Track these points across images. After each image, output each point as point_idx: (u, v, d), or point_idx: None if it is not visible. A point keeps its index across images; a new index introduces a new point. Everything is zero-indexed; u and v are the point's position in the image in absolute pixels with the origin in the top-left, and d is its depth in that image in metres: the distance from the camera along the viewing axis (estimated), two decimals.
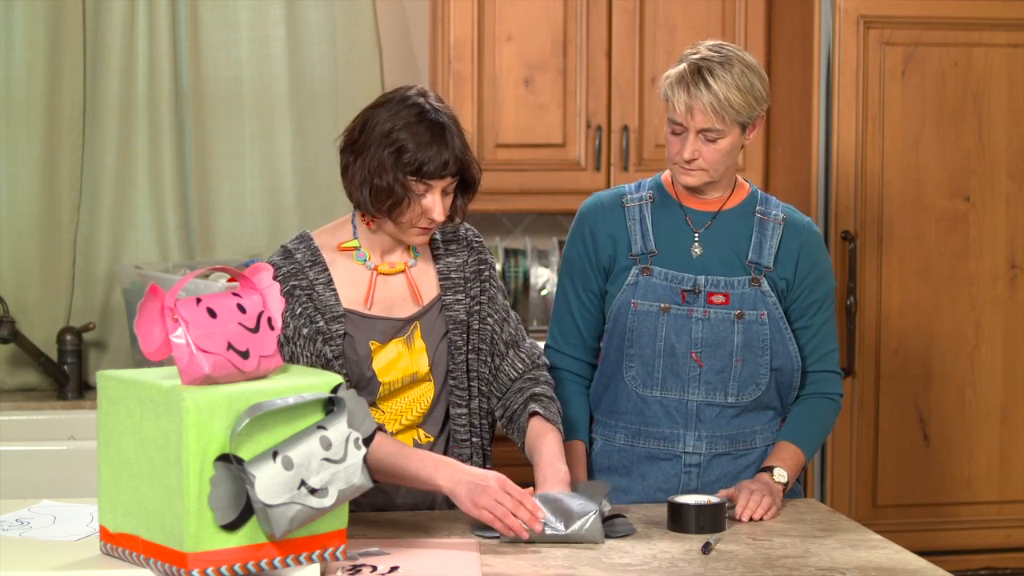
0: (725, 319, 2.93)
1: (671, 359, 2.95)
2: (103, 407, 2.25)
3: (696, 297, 2.93)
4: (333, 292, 2.74)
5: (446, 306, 2.82)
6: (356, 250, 2.79)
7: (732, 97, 2.83)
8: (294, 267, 2.74)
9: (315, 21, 4.31)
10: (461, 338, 2.82)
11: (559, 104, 4.15)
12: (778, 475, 2.88)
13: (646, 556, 2.52)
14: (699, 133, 2.86)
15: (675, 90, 2.86)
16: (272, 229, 4.32)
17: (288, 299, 2.71)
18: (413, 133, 2.66)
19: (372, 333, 2.76)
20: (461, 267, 2.85)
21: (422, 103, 2.69)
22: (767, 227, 2.98)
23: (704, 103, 2.83)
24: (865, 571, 2.44)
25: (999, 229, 4.07)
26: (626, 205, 3.01)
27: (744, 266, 2.96)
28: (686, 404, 2.96)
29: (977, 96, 4.03)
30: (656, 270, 2.95)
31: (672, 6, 4.18)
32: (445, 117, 2.70)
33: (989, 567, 4.09)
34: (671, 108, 2.88)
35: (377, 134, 2.67)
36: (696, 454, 2.97)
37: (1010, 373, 4.10)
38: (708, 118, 2.84)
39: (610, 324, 2.99)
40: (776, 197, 3.08)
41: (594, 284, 3.02)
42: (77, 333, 4.14)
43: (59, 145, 4.17)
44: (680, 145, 2.89)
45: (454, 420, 2.83)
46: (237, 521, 2.15)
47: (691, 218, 2.98)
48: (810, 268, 2.99)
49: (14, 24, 4.13)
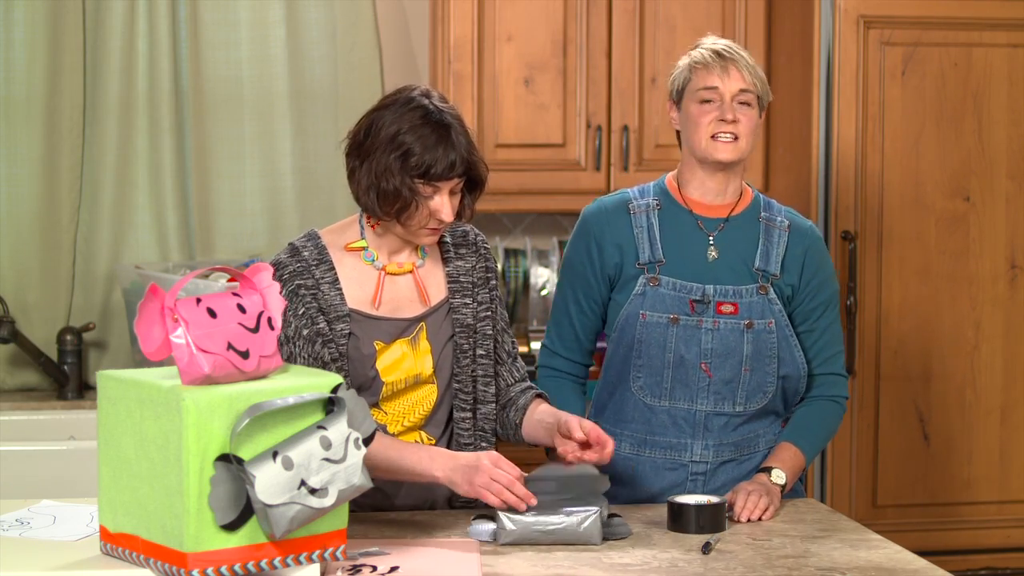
0: (735, 329, 2.91)
1: (680, 370, 2.92)
2: (103, 407, 2.25)
3: (705, 308, 2.91)
4: (338, 292, 2.73)
5: (454, 309, 2.80)
6: (364, 250, 2.78)
7: (757, 68, 2.93)
8: (300, 265, 2.73)
9: (315, 21, 4.30)
10: (467, 342, 2.81)
11: (559, 104, 4.15)
12: (776, 476, 2.87)
13: (646, 556, 2.52)
14: (734, 98, 2.89)
15: (708, 60, 2.91)
16: (272, 229, 4.32)
17: (292, 298, 2.70)
18: (419, 136, 2.64)
19: (377, 333, 2.75)
20: (470, 272, 2.84)
21: (426, 104, 2.67)
22: (773, 233, 2.96)
23: (740, 67, 2.90)
24: (865, 571, 2.44)
25: (999, 229, 4.06)
26: (632, 212, 2.98)
27: (752, 273, 2.94)
28: (694, 414, 2.94)
29: (977, 96, 4.03)
30: (664, 280, 2.92)
31: (672, 6, 4.18)
32: (450, 117, 2.68)
33: (989, 567, 4.09)
34: (702, 76, 2.90)
35: (382, 138, 2.65)
36: (703, 462, 2.96)
37: (1010, 373, 4.09)
38: (745, 80, 2.89)
39: (616, 334, 2.96)
40: (776, 197, 3.08)
41: (596, 293, 3.00)
42: (77, 333, 4.13)
43: (59, 145, 4.17)
44: (716, 111, 2.89)
45: (457, 424, 2.82)
46: (237, 521, 2.15)
47: (702, 223, 2.96)
48: (814, 272, 2.98)
49: (14, 24, 4.13)
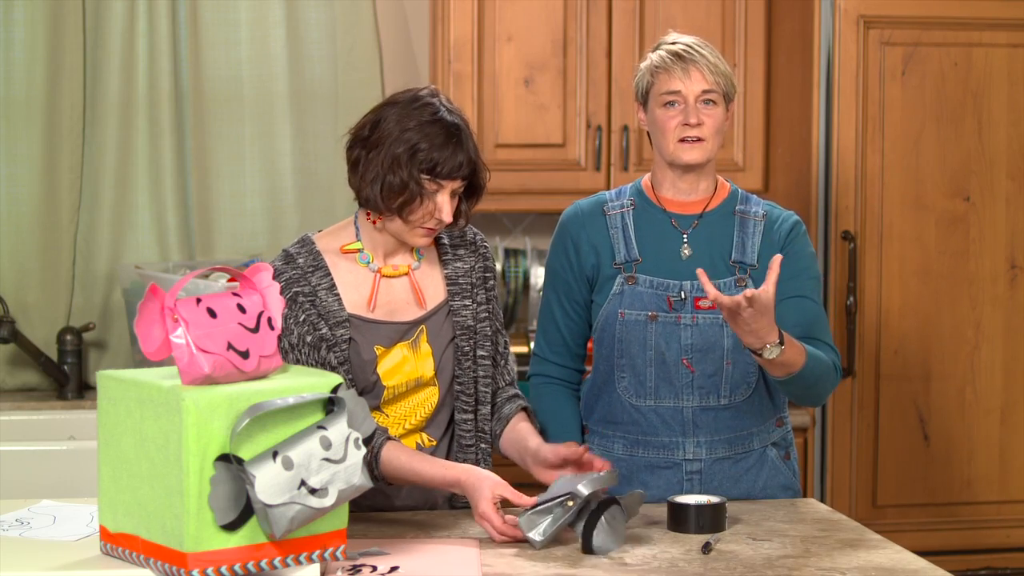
0: (714, 323, 2.91)
1: (662, 367, 2.92)
2: (103, 407, 2.25)
3: (683, 304, 2.91)
4: (336, 297, 2.72)
5: (454, 311, 2.80)
6: (359, 252, 2.77)
7: (719, 64, 2.91)
8: (296, 272, 2.72)
9: (315, 21, 4.30)
10: (468, 344, 2.80)
11: (559, 104, 4.15)
12: (770, 352, 2.67)
13: (646, 556, 2.52)
14: (698, 100, 2.88)
15: (668, 63, 2.89)
16: (272, 229, 4.32)
17: (292, 305, 2.69)
18: (428, 133, 2.64)
19: (376, 338, 2.74)
20: (468, 272, 2.84)
21: (436, 104, 2.68)
22: (748, 224, 2.96)
23: (701, 67, 2.88)
24: (865, 571, 2.44)
25: (999, 229, 4.07)
26: (607, 213, 2.99)
27: (729, 267, 2.94)
28: (681, 411, 2.94)
29: (977, 96, 4.03)
30: (641, 278, 2.93)
31: (672, 6, 4.18)
32: (459, 119, 2.69)
33: (989, 567, 4.09)
34: (663, 80, 2.89)
35: (391, 131, 2.65)
36: (696, 460, 2.95)
37: (1010, 373, 4.09)
38: (707, 80, 2.88)
39: (598, 334, 2.97)
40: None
41: (578, 294, 3.00)
42: (77, 333, 4.13)
43: (59, 145, 4.17)
44: (679, 114, 2.89)
45: (459, 426, 2.81)
46: (237, 521, 2.15)
47: (676, 221, 2.96)
48: (791, 249, 2.93)
49: (14, 24, 4.13)
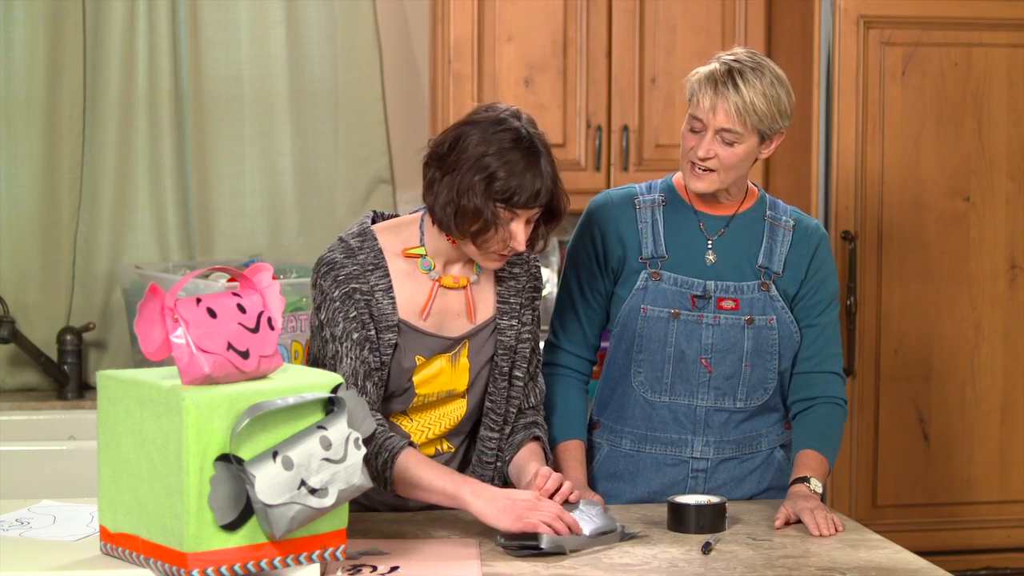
0: (735, 324, 2.91)
1: (680, 365, 2.92)
2: (103, 407, 2.25)
3: (706, 303, 2.90)
4: (391, 300, 2.67)
5: (499, 330, 2.77)
6: (421, 258, 2.72)
7: (758, 103, 2.80)
8: (356, 269, 2.66)
9: (315, 21, 4.31)
10: (507, 363, 2.78)
11: (559, 104, 4.15)
12: (814, 485, 2.81)
13: (646, 556, 2.52)
14: (717, 133, 2.82)
15: (703, 86, 2.83)
16: (272, 229, 4.32)
17: (345, 300, 2.64)
18: (506, 161, 2.56)
19: (420, 348, 2.70)
20: (519, 292, 2.80)
21: (518, 127, 2.60)
22: (777, 232, 2.95)
23: (729, 103, 2.80)
24: (865, 571, 2.44)
25: (999, 229, 4.07)
26: (638, 206, 2.97)
27: (754, 270, 2.93)
28: (695, 410, 2.93)
29: (977, 96, 4.03)
30: (666, 275, 2.92)
31: (672, 6, 4.18)
32: (539, 144, 2.61)
33: (989, 567, 4.09)
34: (694, 104, 2.84)
35: (469, 155, 2.57)
36: (703, 459, 2.95)
37: (1010, 373, 4.09)
38: (730, 119, 2.80)
39: (618, 328, 2.96)
40: (778, 197, 3.07)
41: (600, 284, 2.98)
42: (77, 333, 4.13)
43: (59, 145, 4.17)
44: (696, 142, 2.85)
45: (483, 442, 2.79)
46: (237, 521, 2.15)
47: (704, 224, 2.95)
48: (818, 268, 2.96)
49: (14, 24, 4.13)
